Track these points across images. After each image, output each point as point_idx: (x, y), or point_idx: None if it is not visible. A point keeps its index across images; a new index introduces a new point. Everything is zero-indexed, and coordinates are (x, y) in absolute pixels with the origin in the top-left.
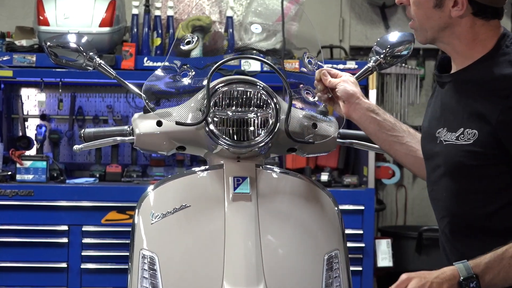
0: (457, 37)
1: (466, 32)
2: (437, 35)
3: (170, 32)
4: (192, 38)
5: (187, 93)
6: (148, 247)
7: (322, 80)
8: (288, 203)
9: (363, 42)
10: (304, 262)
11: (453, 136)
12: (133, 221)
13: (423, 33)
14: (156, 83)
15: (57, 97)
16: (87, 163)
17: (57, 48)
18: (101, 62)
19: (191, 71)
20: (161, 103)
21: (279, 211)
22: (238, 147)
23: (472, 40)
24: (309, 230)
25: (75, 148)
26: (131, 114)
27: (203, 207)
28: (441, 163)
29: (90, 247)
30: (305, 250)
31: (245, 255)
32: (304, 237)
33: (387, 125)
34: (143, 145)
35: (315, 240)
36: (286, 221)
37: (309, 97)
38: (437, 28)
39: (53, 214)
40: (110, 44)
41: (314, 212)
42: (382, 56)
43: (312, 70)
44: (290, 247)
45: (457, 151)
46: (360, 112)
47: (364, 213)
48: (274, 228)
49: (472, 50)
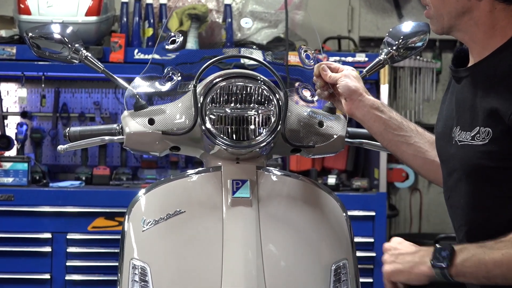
0: (475, 24)
1: (485, 17)
2: (454, 22)
3: (163, 21)
4: (177, 37)
5: (182, 89)
6: (139, 256)
7: (322, 75)
8: (292, 208)
9: (374, 33)
10: (309, 273)
11: (468, 135)
12: (123, 228)
13: (439, 20)
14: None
15: (39, 93)
16: (72, 165)
17: (40, 39)
18: (87, 55)
19: (177, 74)
20: (154, 100)
21: (282, 217)
22: (237, 148)
23: (491, 27)
24: (314, 238)
25: (59, 148)
26: (121, 111)
27: (199, 213)
28: (458, 166)
29: (75, 257)
30: (310, 260)
31: (245, 265)
32: (310, 245)
33: (393, 124)
34: (134, 145)
35: (321, 249)
36: (289, 228)
37: (307, 94)
38: (455, 13)
39: (35, 221)
40: (97, 34)
41: (320, 219)
42: (395, 48)
43: (310, 65)
44: (294, 256)
45: (474, 152)
46: (364, 110)
47: (375, 220)
48: (276, 236)
49: (491, 39)
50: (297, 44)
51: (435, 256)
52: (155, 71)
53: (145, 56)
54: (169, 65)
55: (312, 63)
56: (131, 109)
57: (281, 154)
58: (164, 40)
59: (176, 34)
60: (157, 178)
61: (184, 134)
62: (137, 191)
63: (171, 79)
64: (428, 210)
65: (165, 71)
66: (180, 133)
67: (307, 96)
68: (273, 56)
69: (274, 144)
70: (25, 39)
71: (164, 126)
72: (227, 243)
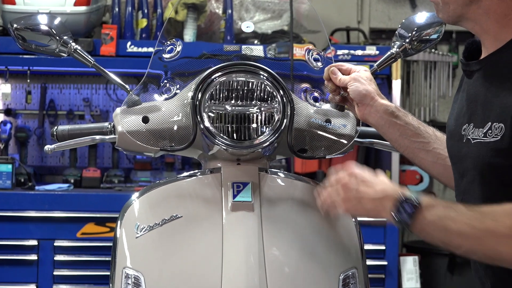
0: (485, 13)
1: (496, 5)
2: (460, 11)
3: (157, 12)
4: (174, 46)
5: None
6: (132, 265)
7: (332, 79)
8: (297, 213)
9: (386, 24)
10: (316, 283)
11: (480, 132)
12: (115, 235)
13: (445, 8)
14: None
15: (24, 89)
16: (60, 166)
17: (25, 31)
18: (76, 48)
19: (175, 85)
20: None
21: (286, 223)
22: (238, 148)
23: (504, 16)
24: (321, 245)
25: (46, 148)
26: (112, 108)
27: (197, 218)
28: (470, 166)
29: (63, 266)
30: (317, 269)
31: (246, 274)
32: (316, 253)
33: (409, 130)
34: (127, 145)
35: (328, 257)
36: (294, 235)
37: (314, 92)
38: (461, 2)
39: (20, 227)
40: (87, 26)
41: (327, 225)
42: (408, 41)
43: (320, 68)
44: (299, 265)
45: (486, 151)
46: (377, 116)
47: (387, 226)
48: (280, 243)
49: (503, 29)
50: (305, 39)
51: (399, 210)
52: (151, 83)
53: (139, 49)
54: (166, 77)
55: (320, 65)
56: (124, 105)
57: (285, 155)
58: (160, 51)
59: (172, 43)
60: (152, 181)
61: (186, 149)
62: (130, 195)
63: (169, 90)
64: None
65: (162, 83)
66: (179, 148)
67: (314, 93)
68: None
69: (277, 144)
70: (9, 31)
71: (159, 125)
72: (227, 250)
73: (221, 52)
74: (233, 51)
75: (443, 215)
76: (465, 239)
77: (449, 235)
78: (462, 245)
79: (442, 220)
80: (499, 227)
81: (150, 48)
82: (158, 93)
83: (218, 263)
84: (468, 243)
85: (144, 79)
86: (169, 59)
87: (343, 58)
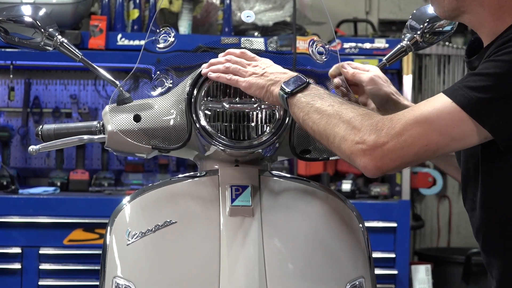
0: (480, 4)
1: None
2: (456, 4)
3: (150, 2)
4: (168, 35)
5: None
6: (123, 274)
7: (342, 73)
8: (300, 219)
9: (396, 15)
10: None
11: None
12: (104, 242)
13: (440, 3)
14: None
15: (7, 85)
16: (45, 168)
17: (8, 23)
18: (63, 41)
19: (169, 78)
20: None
21: (288, 229)
22: (237, 148)
23: (499, 8)
24: (326, 253)
25: (31, 149)
26: (102, 106)
27: (192, 224)
28: (470, 165)
29: (49, 275)
30: (322, 278)
31: (245, 284)
32: (321, 262)
33: None
34: (117, 145)
35: (334, 265)
36: (297, 242)
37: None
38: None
39: (2, 233)
40: (74, 17)
41: (333, 231)
42: (420, 33)
43: (324, 62)
44: (303, 275)
45: (477, 145)
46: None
47: (397, 232)
48: (282, 250)
49: (498, 21)
50: (308, 32)
51: (288, 81)
52: (142, 77)
53: (130, 42)
54: (158, 70)
55: (325, 59)
56: (114, 103)
57: (288, 156)
58: (152, 40)
59: (166, 32)
60: (144, 184)
61: (180, 148)
62: (121, 199)
63: (162, 84)
64: (458, 220)
65: (154, 76)
66: (173, 148)
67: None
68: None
69: (279, 145)
70: None
71: (151, 124)
72: (225, 258)
73: (218, 45)
74: (232, 44)
75: (317, 94)
76: (318, 114)
77: (308, 109)
78: (313, 120)
79: (313, 98)
80: (347, 112)
81: (142, 41)
82: (150, 88)
83: (215, 272)
84: (318, 118)
85: (133, 72)
86: (162, 49)
87: (350, 51)
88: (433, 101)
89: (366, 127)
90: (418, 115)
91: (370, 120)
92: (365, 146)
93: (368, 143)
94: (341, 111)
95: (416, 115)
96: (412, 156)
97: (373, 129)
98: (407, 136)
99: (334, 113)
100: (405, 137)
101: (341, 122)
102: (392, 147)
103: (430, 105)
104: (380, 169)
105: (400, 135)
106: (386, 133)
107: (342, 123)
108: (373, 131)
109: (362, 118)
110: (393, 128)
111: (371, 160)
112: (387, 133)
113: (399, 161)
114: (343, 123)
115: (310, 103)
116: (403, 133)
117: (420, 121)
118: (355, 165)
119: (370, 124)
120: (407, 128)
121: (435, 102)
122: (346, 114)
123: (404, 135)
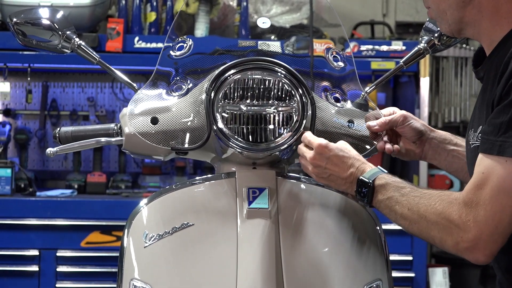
0: (479, 11)
1: (487, 2)
2: (457, 16)
3: (167, 5)
4: (185, 43)
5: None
6: (140, 276)
7: (380, 126)
8: (316, 221)
9: (413, 17)
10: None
11: (475, 136)
12: (122, 244)
13: (443, 18)
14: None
15: (25, 87)
16: (63, 170)
17: (26, 26)
18: (80, 43)
19: (187, 83)
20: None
21: (305, 232)
22: (254, 151)
23: (495, 13)
24: (343, 255)
25: (48, 151)
26: (119, 108)
27: (209, 226)
28: (471, 170)
29: (66, 277)
30: (339, 281)
31: (263, 287)
32: (338, 264)
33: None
34: (134, 147)
35: (351, 268)
36: (314, 244)
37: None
38: (455, 5)
39: (20, 236)
40: (91, 20)
41: (350, 234)
42: (437, 35)
43: (340, 68)
44: (320, 277)
45: (476, 154)
46: (438, 149)
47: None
48: (299, 252)
49: (497, 27)
50: (326, 34)
51: (358, 191)
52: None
53: (147, 45)
54: (176, 74)
55: (341, 65)
56: (131, 105)
57: None
58: (169, 47)
59: (183, 40)
60: (161, 186)
61: (199, 148)
62: (138, 201)
63: (180, 89)
64: None
65: (173, 81)
66: (192, 147)
67: (334, 94)
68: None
69: (296, 147)
70: (9, 26)
71: (169, 126)
72: (242, 261)
73: (235, 48)
74: (249, 47)
75: (391, 197)
76: (405, 220)
77: (394, 215)
78: (405, 226)
79: (390, 201)
80: (429, 213)
81: (159, 44)
82: (168, 91)
83: (232, 275)
84: (408, 224)
85: (152, 77)
86: (179, 57)
87: (367, 53)
88: (491, 169)
89: (456, 226)
90: (489, 191)
91: (453, 214)
92: (467, 244)
93: (468, 240)
94: (422, 213)
95: (488, 192)
96: (509, 225)
97: (462, 225)
98: (494, 217)
99: (418, 218)
100: (493, 219)
101: (431, 224)
102: (489, 233)
103: (493, 175)
104: (492, 255)
105: (488, 218)
106: (475, 225)
107: (432, 225)
108: (465, 226)
109: (444, 213)
110: (478, 215)
111: (479, 254)
112: (475, 225)
113: (501, 238)
114: (433, 225)
115: (392, 209)
116: (489, 216)
117: (495, 196)
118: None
119: (458, 219)
120: (489, 209)
121: (495, 170)
122: (429, 215)
123: (492, 217)
